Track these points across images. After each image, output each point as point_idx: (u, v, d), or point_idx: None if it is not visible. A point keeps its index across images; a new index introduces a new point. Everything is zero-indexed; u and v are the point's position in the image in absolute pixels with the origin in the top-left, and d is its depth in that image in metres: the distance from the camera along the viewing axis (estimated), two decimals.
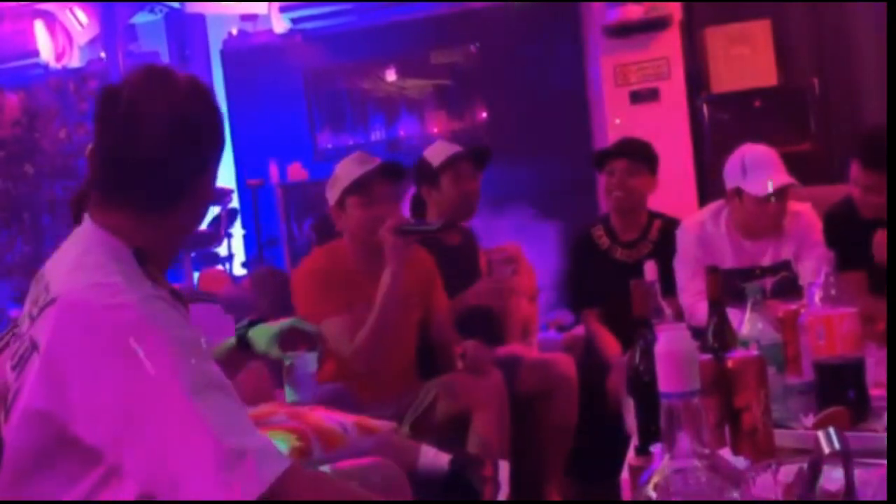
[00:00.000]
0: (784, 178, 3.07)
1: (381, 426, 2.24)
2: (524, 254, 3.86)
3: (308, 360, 1.99)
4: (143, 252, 1.43)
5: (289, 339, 1.88)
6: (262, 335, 1.85)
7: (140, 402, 1.29)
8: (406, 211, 3.69)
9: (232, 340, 1.88)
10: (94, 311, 1.33)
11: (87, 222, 1.47)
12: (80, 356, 1.32)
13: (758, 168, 3.08)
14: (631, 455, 1.64)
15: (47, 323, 1.35)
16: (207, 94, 1.51)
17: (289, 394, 1.98)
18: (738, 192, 3.13)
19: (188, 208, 1.49)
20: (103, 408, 1.30)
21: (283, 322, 1.91)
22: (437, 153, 3.38)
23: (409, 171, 3.04)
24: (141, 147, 1.42)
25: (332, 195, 2.91)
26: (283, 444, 1.95)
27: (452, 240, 3.38)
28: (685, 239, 3.28)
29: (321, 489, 1.38)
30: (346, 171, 2.88)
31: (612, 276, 3.43)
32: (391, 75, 6.29)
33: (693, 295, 3.08)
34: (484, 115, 6.19)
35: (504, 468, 2.36)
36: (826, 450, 1.02)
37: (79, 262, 1.40)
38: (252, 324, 1.87)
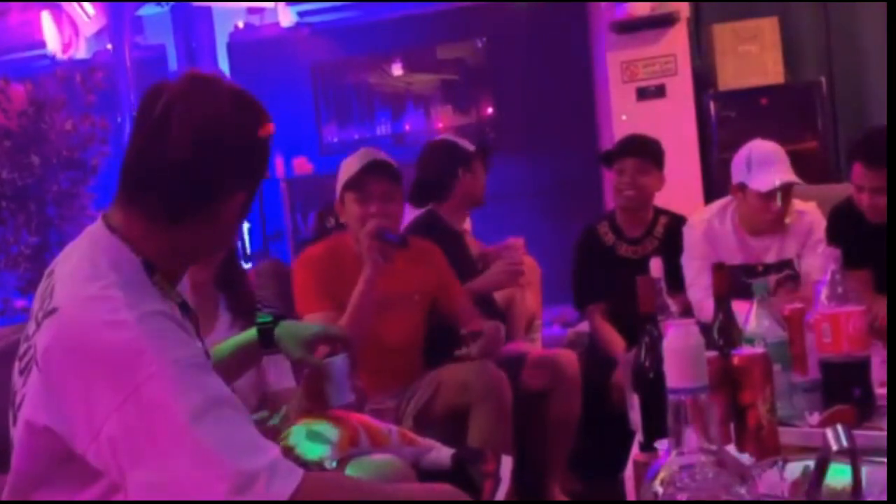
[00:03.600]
0: (787, 176, 3.07)
1: (421, 441, 2.28)
2: (528, 249, 3.86)
3: (343, 363, 2.02)
4: (153, 263, 1.39)
5: (318, 345, 1.87)
6: (291, 339, 1.82)
7: (139, 428, 1.25)
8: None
9: (251, 333, 1.84)
10: (90, 329, 1.29)
11: (99, 224, 1.44)
12: (76, 376, 1.28)
13: (763, 164, 3.08)
14: (635, 451, 1.65)
15: (46, 335, 1.33)
16: (248, 113, 1.44)
17: (332, 398, 2.03)
18: (743, 187, 3.13)
19: (205, 226, 1.41)
20: (102, 432, 1.26)
21: (310, 327, 1.89)
22: (462, 141, 3.53)
23: (400, 170, 3.04)
24: (163, 154, 1.37)
25: (337, 190, 2.95)
26: (331, 432, 1.97)
27: (462, 224, 3.50)
28: (692, 235, 3.28)
29: (337, 492, 1.37)
30: (347, 166, 2.92)
31: (616, 273, 3.43)
32: (398, 70, 6.29)
33: (702, 290, 3.08)
34: (490, 110, 6.18)
35: (507, 463, 2.36)
36: (834, 447, 1.02)
37: (84, 269, 1.37)
38: (276, 319, 1.83)
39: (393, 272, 2.89)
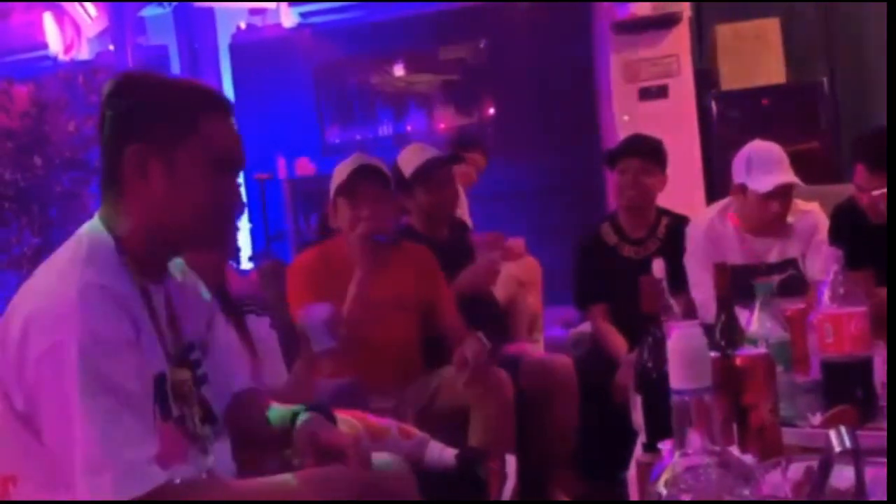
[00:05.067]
0: (786, 177, 3.06)
1: (419, 434, 2.31)
2: (529, 249, 3.86)
3: (318, 312, 2.09)
4: (124, 245, 1.51)
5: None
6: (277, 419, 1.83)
7: (50, 381, 1.38)
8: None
9: (286, 414, 1.81)
10: (42, 288, 1.46)
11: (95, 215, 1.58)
12: (20, 326, 1.42)
13: (762, 165, 3.08)
14: (638, 452, 1.65)
15: (14, 297, 1.50)
16: (153, 83, 1.58)
17: (314, 345, 2.26)
18: (743, 188, 3.13)
19: (136, 192, 1.52)
20: (24, 377, 1.40)
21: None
22: (408, 160, 3.33)
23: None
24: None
25: (330, 196, 2.98)
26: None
27: (440, 234, 3.39)
28: (694, 236, 3.28)
29: (199, 498, 1.44)
30: (338, 172, 2.95)
31: (619, 274, 3.43)
32: (399, 70, 6.29)
33: (706, 291, 3.07)
34: (492, 110, 6.18)
35: (511, 462, 2.37)
36: (837, 448, 1.02)
37: (64, 247, 1.53)
38: (311, 409, 1.81)
39: (385, 275, 2.92)
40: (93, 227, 1.54)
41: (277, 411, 1.81)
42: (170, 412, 1.51)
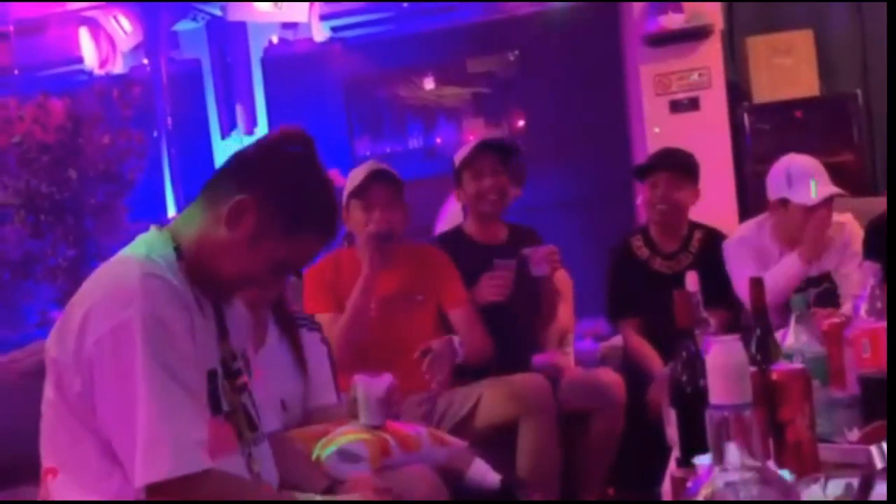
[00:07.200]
0: (831, 188, 3.06)
1: (453, 441, 2.31)
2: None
3: (376, 386, 2.10)
4: (182, 251, 1.61)
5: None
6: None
7: (109, 356, 1.45)
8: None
9: None
10: (107, 271, 1.58)
11: None
12: (73, 321, 1.50)
13: (804, 177, 3.06)
14: (672, 467, 1.63)
15: None
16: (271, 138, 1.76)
17: (362, 417, 2.14)
18: (784, 202, 3.11)
19: (216, 227, 1.60)
20: (83, 350, 1.47)
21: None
22: (461, 152, 3.39)
23: (402, 178, 3.08)
24: None
25: (343, 199, 3.06)
26: (362, 448, 2.00)
27: (496, 237, 3.37)
28: (738, 252, 3.26)
29: (233, 493, 1.49)
30: (353, 177, 3.06)
31: (651, 287, 3.41)
32: (429, 83, 6.30)
33: None
34: (521, 122, 6.17)
35: None
36: (879, 465, 1.01)
37: (122, 251, 1.64)
38: None
39: (396, 274, 3.00)
40: (155, 234, 1.64)
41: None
42: (220, 407, 1.57)
